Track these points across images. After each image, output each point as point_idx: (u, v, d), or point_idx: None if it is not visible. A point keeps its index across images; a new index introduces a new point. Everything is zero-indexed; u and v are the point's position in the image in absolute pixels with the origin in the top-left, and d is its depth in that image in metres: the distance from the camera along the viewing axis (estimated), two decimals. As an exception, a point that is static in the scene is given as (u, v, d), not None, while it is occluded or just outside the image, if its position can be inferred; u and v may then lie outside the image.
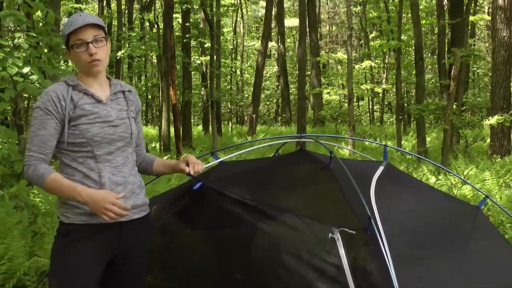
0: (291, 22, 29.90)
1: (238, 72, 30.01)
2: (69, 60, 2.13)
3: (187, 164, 2.28)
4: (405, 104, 22.38)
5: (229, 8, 19.04)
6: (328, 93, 23.85)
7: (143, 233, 2.19)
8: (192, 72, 20.30)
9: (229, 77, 29.45)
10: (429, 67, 28.28)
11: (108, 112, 2.10)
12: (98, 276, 2.07)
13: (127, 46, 17.06)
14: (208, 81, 15.58)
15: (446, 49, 14.48)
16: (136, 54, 19.97)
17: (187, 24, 15.61)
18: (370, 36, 24.62)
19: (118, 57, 18.57)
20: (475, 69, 28.65)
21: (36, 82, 4.51)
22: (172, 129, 13.47)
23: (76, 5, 23.87)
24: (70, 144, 2.04)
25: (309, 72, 22.21)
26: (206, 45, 16.77)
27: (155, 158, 2.39)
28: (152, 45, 17.25)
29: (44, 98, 2.03)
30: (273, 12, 23.59)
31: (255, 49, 30.58)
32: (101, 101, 2.10)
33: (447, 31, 14.98)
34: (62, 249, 2.05)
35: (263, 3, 25.08)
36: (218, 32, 16.93)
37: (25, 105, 14.80)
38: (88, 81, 2.12)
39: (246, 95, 29.44)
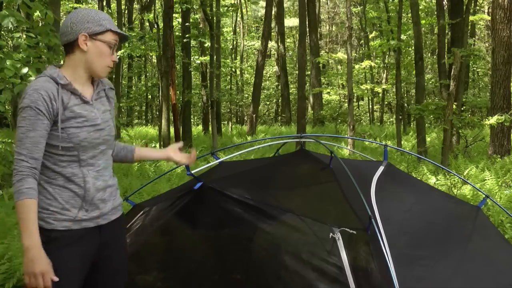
0: (291, 22, 29.89)
1: (238, 72, 29.98)
2: (82, 48, 1.99)
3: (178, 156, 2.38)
4: (405, 104, 22.35)
5: (229, 8, 19.01)
6: (328, 93, 23.82)
7: (120, 232, 2.20)
8: (192, 72, 20.28)
9: (229, 77, 29.42)
10: (429, 67, 28.26)
11: (95, 114, 2.04)
12: (83, 280, 2.05)
13: (127, 46, 17.04)
14: (208, 81, 15.57)
15: (446, 49, 14.43)
16: (136, 54, 19.93)
17: (187, 24, 15.59)
18: (370, 36, 24.61)
19: (118, 57, 18.52)
20: (475, 69, 28.62)
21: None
22: (172, 129, 13.46)
23: (76, 5, 23.87)
24: (55, 147, 1.95)
25: (309, 72, 22.20)
26: (206, 45, 16.74)
27: (134, 148, 2.36)
28: (152, 45, 17.24)
29: (34, 97, 1.88)
30: (273, 12, 23.58)
31: (255, 49, 30.57)
32: (87, 102, 2.03)
33: (447, 31, 14.94)
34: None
35: (263, 3, 25.07)
36: (218, 32, 16.91)
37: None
38: (75, 77, 2.03)
39: (246, 95, 29.40)
